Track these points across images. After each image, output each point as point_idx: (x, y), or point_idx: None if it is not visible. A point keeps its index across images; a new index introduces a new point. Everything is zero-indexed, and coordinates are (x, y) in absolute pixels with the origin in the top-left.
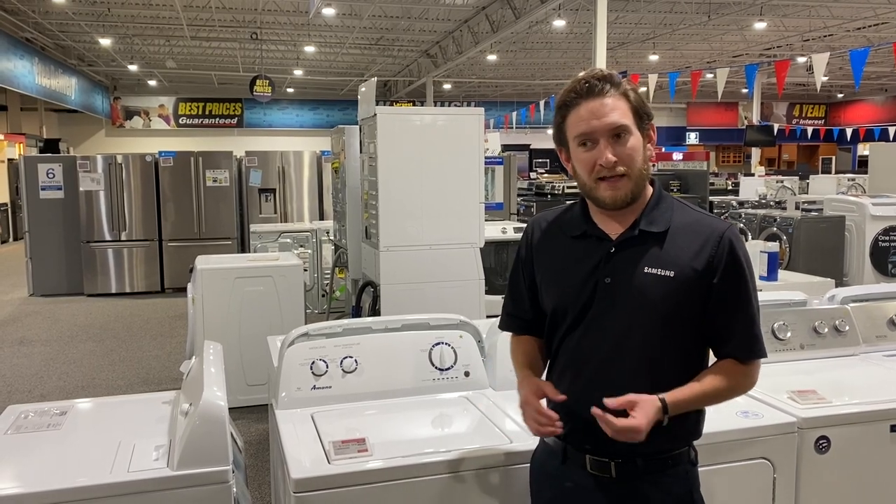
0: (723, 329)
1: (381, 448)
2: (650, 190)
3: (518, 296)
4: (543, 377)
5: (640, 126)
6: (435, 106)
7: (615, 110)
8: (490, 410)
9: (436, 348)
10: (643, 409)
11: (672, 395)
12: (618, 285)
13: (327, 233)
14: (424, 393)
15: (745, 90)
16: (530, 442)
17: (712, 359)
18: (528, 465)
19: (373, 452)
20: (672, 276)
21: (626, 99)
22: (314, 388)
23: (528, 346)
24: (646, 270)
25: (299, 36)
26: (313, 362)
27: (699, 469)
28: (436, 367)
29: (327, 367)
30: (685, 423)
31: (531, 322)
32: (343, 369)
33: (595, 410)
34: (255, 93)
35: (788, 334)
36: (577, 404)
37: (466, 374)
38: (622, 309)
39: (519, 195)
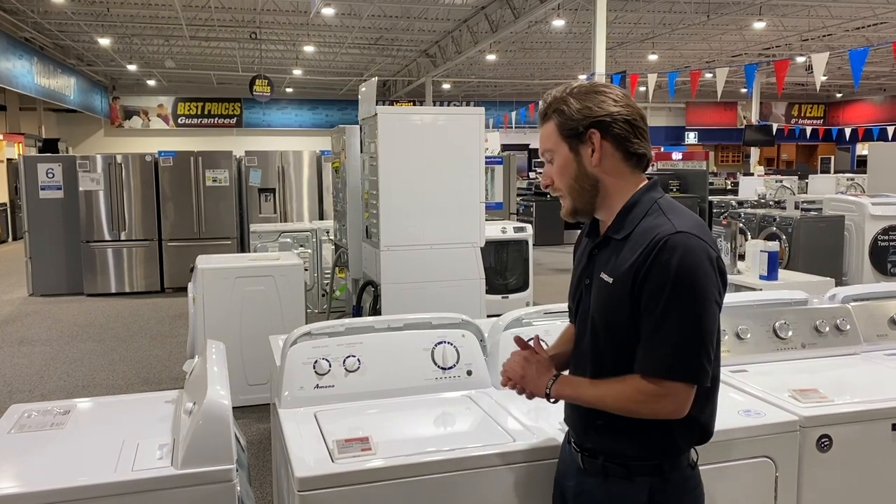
0: (641, 340)
1: (385, 447)
2: (629, 196)
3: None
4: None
5: (568, 141)
6: (434, 105)
7: (545, 138)
8: (493, 409)
9: (438, 347)
10: (530, 364)
11: (567, 377)
12: (589, 287)
13: (327, 232)
14: (427, 392)
15: (744, 90)
16: (533, 440)
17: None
18: (531, 463)
19: (376, 451)
20: (611, 282)
21: (552, 121)
22: (317, 387)
23: (567, 332)
24: (601, 275)
25: (298, 36)
26: (316, 361)
27: (701, 468)
28: (438, 367)
29: (330, 366)
30: (648, 433)
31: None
32: (346, 368)
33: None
34: (254, 92)
35: (790, 333)
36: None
37: (469, 373)
38: (587, 310)
39: (518, 195)
